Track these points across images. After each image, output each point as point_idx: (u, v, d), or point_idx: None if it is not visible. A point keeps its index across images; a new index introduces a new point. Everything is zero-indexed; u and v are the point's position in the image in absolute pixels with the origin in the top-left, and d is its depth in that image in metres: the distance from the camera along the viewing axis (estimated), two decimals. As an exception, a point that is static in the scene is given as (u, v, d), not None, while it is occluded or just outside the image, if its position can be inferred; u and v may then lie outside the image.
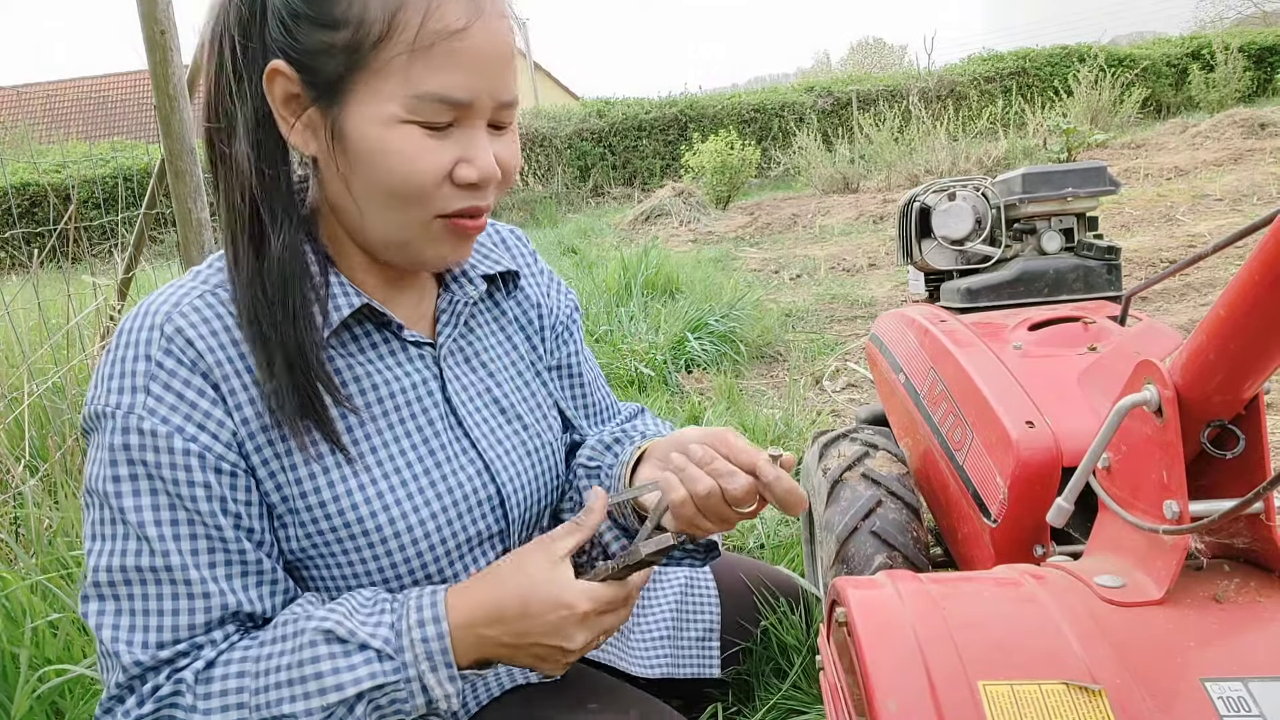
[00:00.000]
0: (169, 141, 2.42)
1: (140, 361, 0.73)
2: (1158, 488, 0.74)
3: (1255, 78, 13.83)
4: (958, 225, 1.54)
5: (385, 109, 0.70)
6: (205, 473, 0.73)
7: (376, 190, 0.73)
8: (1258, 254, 0.61)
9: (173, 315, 0.74)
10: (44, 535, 1.56)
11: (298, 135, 0.74)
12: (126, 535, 0.72)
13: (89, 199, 9.11)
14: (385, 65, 0.69)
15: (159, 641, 0.72)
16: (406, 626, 0.73)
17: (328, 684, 0.71)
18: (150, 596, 0.72)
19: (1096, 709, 0.63)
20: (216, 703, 0.71)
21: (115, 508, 0.72)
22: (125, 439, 0.72)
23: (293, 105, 0.73)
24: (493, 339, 0.93)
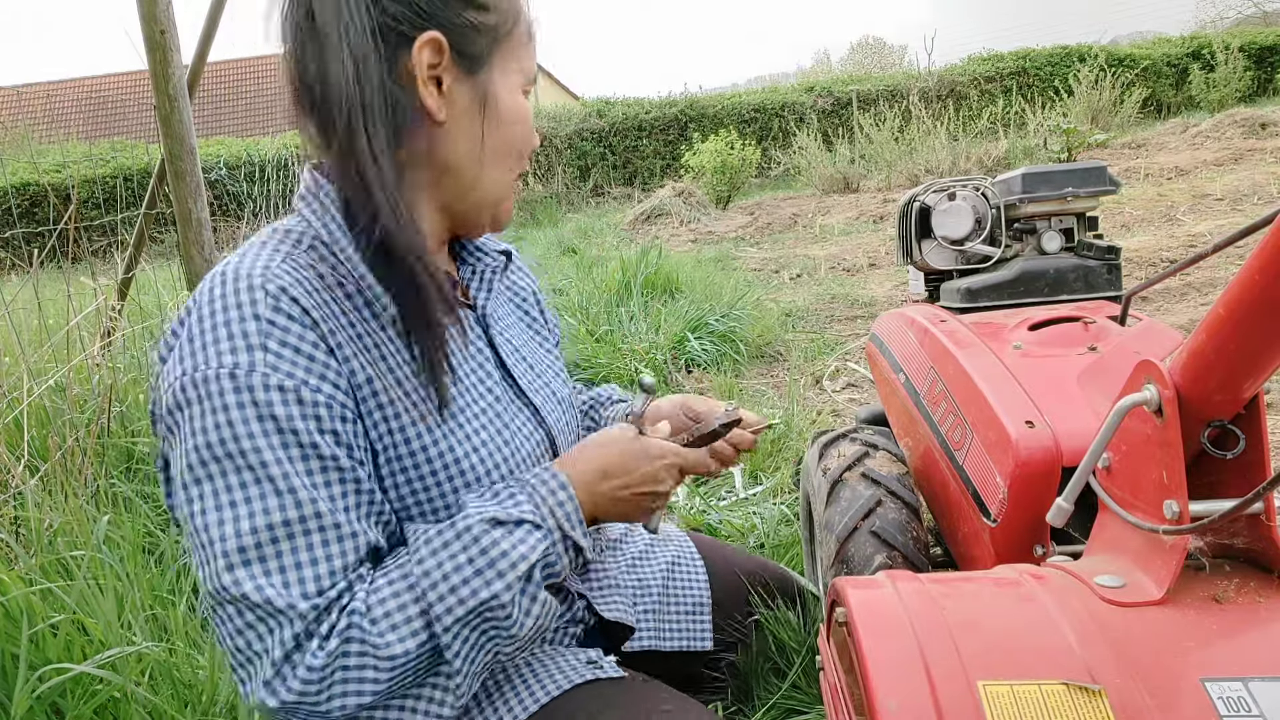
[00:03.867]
0: (169, 141, 2.42)
1: (250, 322, 0.75)
2: (1158, 487, 0.74)
3: (1256, 77, 13.83)
4: (958, 225, 1.54)
5: (513, 80, 0.86)
6: (334, 421, 0.77)
7: (506, 148, 0.86)
8: (1258, 254, 0.61)
9: (269, 276, 0.77)
10: (44, 535, 1.56)
11: (435, 100, 0.81)
12: (267, 493, 0.74)
13: (89, 199, 9.11)
14: (511, 46, 0.85)
15: (320, 588, 0.75)
16: (541, 499, 0.83)
17: (513, 559, 0.78)
18: (304, 546, 0.74)
19: (1096, 709, 0.63)
20: (398, 617, 0.75)
21: (255, 464, 0.73)
22: (252, 396, 0.73)
23: (434, 73, 0.80)
24: (507, 307, 1.05)
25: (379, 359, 0.81)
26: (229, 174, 4.24)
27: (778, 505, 2.08)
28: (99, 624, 1.31)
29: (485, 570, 0.77)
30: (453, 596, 0.76)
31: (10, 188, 10.93)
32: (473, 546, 0.78)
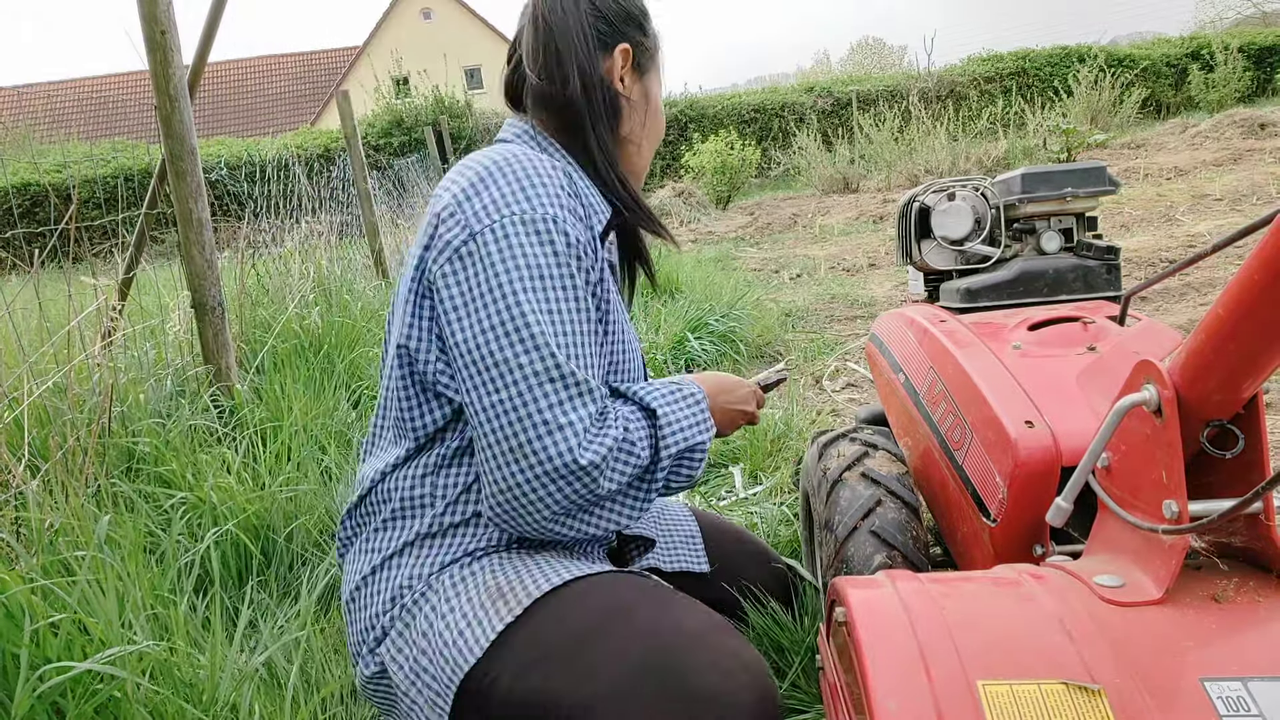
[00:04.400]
0: (169, 141, 2.42)
1: (559, 192, 1.02)
2: (1157, 487, 0.74)
3: (1255, 78, 13.83)
4: (957, 225, 1.55)
5: (657, 88, 1.20)
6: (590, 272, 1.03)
7: (655, 131, 1.21)
8: (1257, 254, 0.61)
9: (553, 172, 1.04)
10: (45, 535, 1.57)
11: (625, 87, 1.15)
12: (578, 305, 0.98)
13: (90, 199, 9.11)
14: (658, 61, 1.21)
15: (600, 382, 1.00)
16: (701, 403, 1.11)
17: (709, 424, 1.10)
18: (594, 350, 0.99)
19: (1096, 709, 0.64)
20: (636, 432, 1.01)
21: (570, 283, 0.98)
22: (567, 238, 0.99)
23: (621, 71, 1.14)
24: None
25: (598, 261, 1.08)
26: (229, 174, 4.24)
27: (778, 505, 2.08)
28: (100, 623, 1.31)
29: (701, 424, 1.08)
30: (679, 434, 1.05)
31: (11, 188, 10.93)
32: (694, 406, 1.09)
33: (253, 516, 1.93)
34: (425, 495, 1.08)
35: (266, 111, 29.93)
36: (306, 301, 3.46)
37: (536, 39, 1.11)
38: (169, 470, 2.06)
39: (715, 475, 2.43)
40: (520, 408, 0.93)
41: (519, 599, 0.97)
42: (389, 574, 1.07)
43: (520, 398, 0.93)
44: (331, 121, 23.16)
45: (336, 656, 1.55)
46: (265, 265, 3.63)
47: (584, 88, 1.09)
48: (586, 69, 1.09)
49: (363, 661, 1.09)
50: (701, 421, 1.08)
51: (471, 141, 14.59)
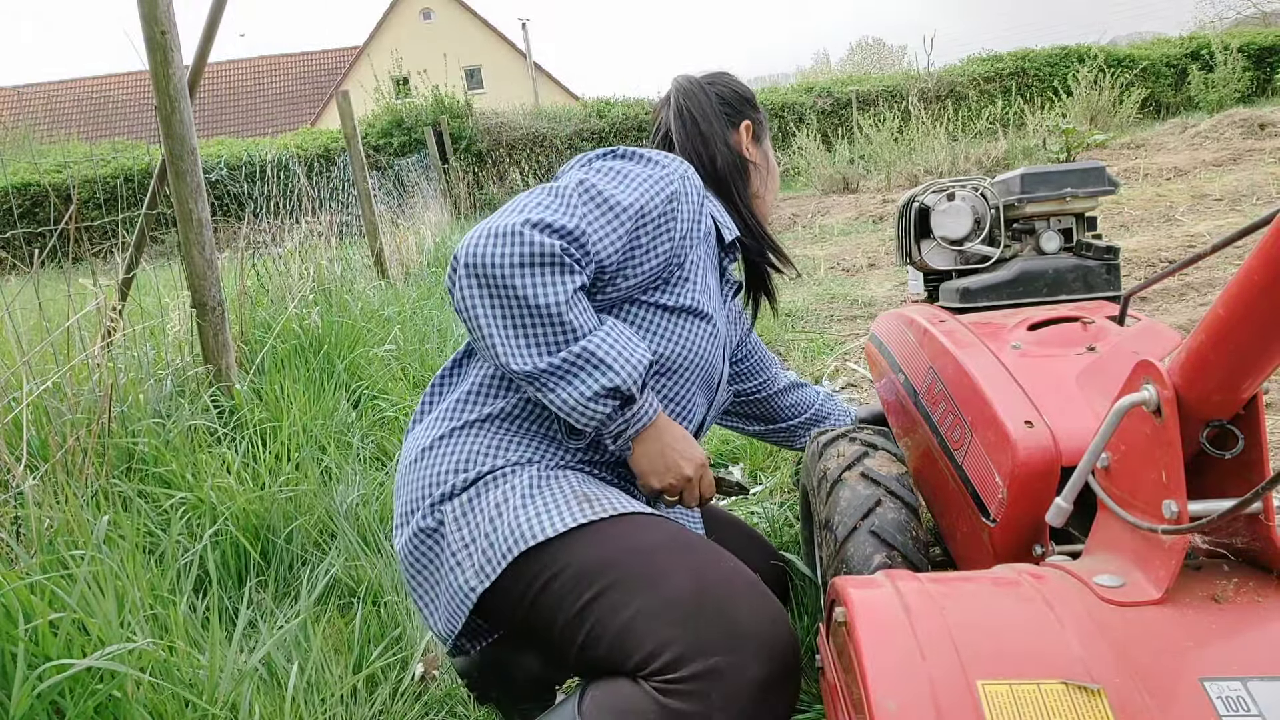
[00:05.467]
0: (169, 142, 2.42)
1: (684, 168, 1.24)
2: (1157, 487, 0.74)
3: (1254, 78, 13.83)
4: (957, 225, 1.54)
5: (769, 146, 1.52)
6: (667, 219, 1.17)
7: (771, 190, 1.51)
8: (1257, 254, 0.61)
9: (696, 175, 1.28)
10: (44, 535, 1.56)
11: (750, 154, 1.45)
12: (622, 188, 1.14)
13: (90, 199, 9.10)
14: (766, 129, 1.51)
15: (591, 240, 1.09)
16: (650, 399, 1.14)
17: (632, 377, 1.09)
18: (605, 220, 1.11)
19: (1095, 708, 0.64)
20: (582, 304, 1.08)
21: (631, 178, 1.16)
22: (662, 173, 1.19)
23: (749, 144, 1.45)
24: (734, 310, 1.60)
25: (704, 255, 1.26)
26: (229, 174, 4.23)
27: (778, 505, 2.08)
28: (99, 623, 1.31)
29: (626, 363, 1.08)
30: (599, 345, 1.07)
31: (11, 188, 10.93)
32: (635, 353, 1.10)
33: (252, 517, 1.93)
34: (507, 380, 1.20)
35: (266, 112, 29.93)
36: (306, 301, 3.46)
37: (683, 126, 1.41)
38: (168, 470, 2.06)
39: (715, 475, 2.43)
40: (526, 199, 1.12)
41: (605, 507, 1.06)
42: (464, 441, 1.17)
43: (529, 196, 1.13)
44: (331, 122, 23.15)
45: (336, 656, 1.55)
46: (265, 265, 3.63)
47: (725, 158, 1.40)
48: (724, 143, 1.40)
49: (418, 515, 1.15)
50: (632, 366, 1.09)
51: (471, 141, 14.58)
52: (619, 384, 1.07)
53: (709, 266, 1.27)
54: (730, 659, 0.93)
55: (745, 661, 0.93)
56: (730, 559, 1.06)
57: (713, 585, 0.99)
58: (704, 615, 0.96)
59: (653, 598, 0.97)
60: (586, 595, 1.00)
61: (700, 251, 1.24)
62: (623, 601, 0.98)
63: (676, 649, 0.93)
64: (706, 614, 0.96)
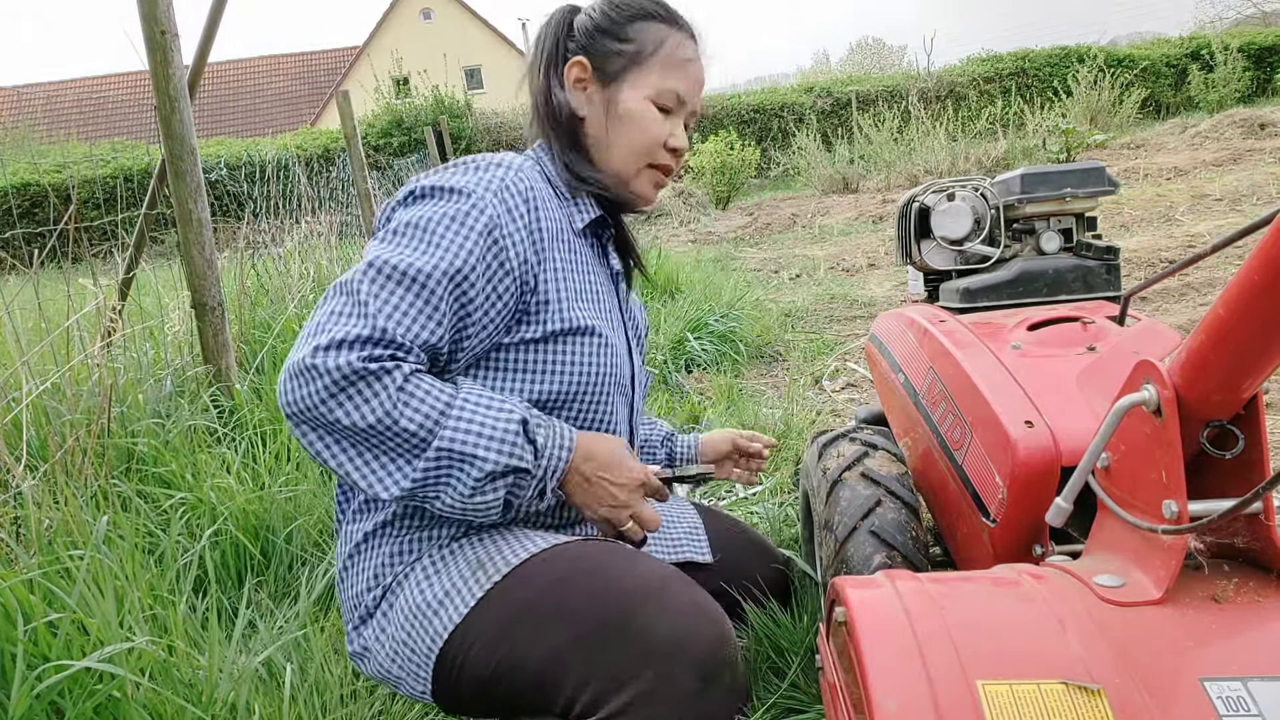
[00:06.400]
0: (169, 142, 2.42)
1: (496, 181, 1.05)
2: (1157, 487, 0.74)
3: (1254, 78, 13.83)
4: (957, 225, 1.54)
5: (644, 92, 1.15)
6: (493, 261, 1.01)
7: (625, 139, 1.16)
8: (1257, 254, 0.61)
9: (522, 172, 1.08)
10: (44, 535, 1.56)
11: (580, 102, 1.17)
12: (425, 255, 0.98)
13: (89, 199, 9.10)
14: (649, 68, 1.16)
15: (400, 332, 0.95)
16: (552, 440, 1.03)
17: (506, 451, 0.97)
18: (415, 303, 0.96)
19: (1095, 708, 0.64)
20: (416, 401, 0.94)
21: (434, 238, 0.99)
22: (468, 206, 1.01)
23: (580, 84, 1.17)
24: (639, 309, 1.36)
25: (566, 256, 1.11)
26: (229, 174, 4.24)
27: (778, 505, 2.08)
28: (98, 623, 1.31)
29: (493, 441, 0.97)
30: (462, 434, 0.96)
31: (10, 188, 10.93)
32: (501, 422, 0.98)
33: (252, 517, 1.93)
34: None
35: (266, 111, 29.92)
36: (306, 301, 3.46)
37: (529, 76, 1.22)
38: (168, 470, 2.06)
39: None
40: (316, 311, 0.98)
41: (497, 567, 1.01)
42: (368, 557, 1.11)
43: (321, 302, 0.99)
44: (331, 122, 23.15)
45: (336, 656, 1.55)
46: (265, 265, 3.63)
47: (556, 109, 1.17)
48: (540, 83, 1.19)
49: (349, 641, 1.13)
50: (500, 440, 0.97)
51: (471, 141, 14.58)
52: (492, 469, 0.97)
53: (574, 266, 1.13)
54: (655, 678, 0.90)
55: (671, 673, 0.90)
56: (636, 565, 1.01)
57: (616, 607, 0.95)
58: (612, 642, 0.93)
59: (558, 639, 0.95)
60: (498, 657, 0.97)
61: (555, 257, 1.09)
62: (530, 653, 0.96)
63: (596, 686, 0.91)
64: (614, 640, 0.93)
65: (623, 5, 1.17)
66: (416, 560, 1.08)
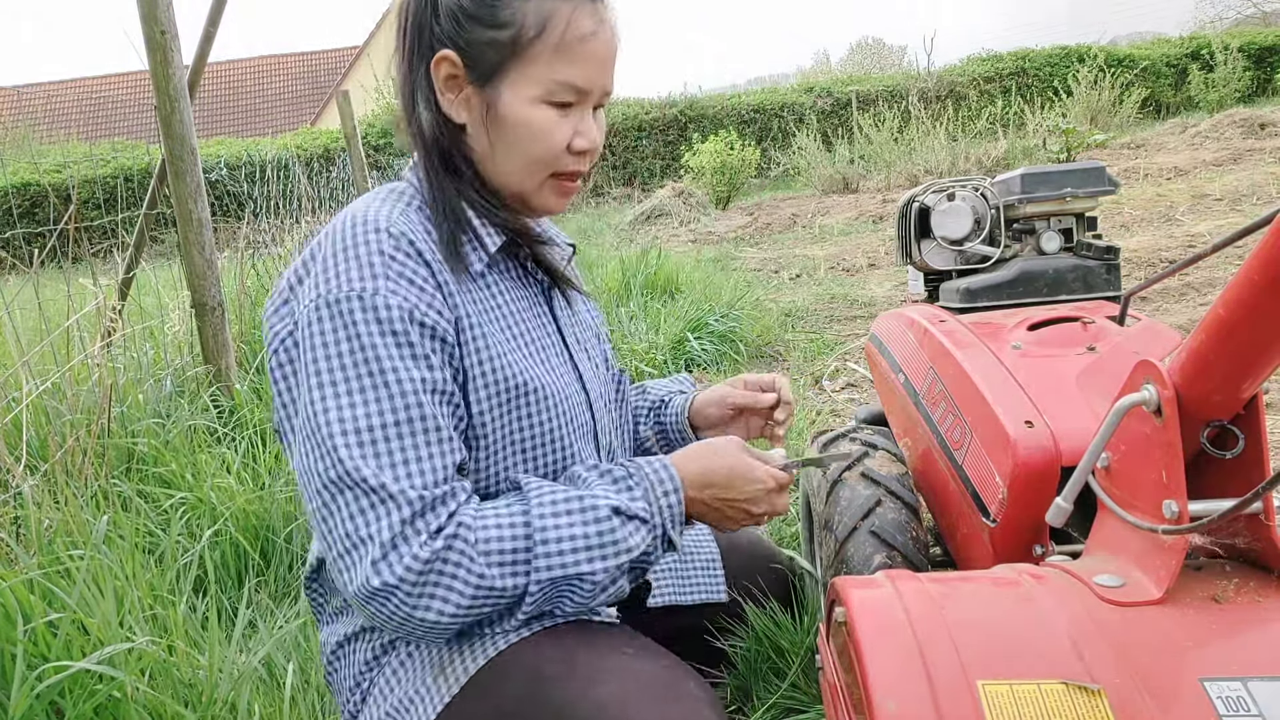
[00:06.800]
0: (169, 141, 2.42)
1: (376, 256, 0.88)
2: (1157, 487, 0.74)
3: (1255, 78, 13.82)
4: (957, 225, 1.54)
5: (529, 91, 0.92)
6: (438, 340, 0.89)
7: (515, 152, 0.95)
8: (1257, 254, 0.61)
9: (393, 222, 0.90)
10: (44, 535, 1.56)
11: (455, 108, 0.95)
12: (384, 394, 0.84)
13: (89, 199, 9.10)
14: (534, 58, 0.91)
15: (426, 483, 0.84)
16: (655, 496, 0.93)
17: (619, 549, 0.89)
18: (418, 444, 0.85)
19: (1096, 709, 0.64)
20: (497, 553, 0.85)
21: (375, 369, 0.85)
22: (376, 314, 0.85)
23: (453, 84, 0.94)
24: (587, 313, 1.17)
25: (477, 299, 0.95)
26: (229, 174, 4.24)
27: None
28: (98, 623, 1.31)
29: (594, 550, 0.87)
30: (558, 559, 0.86)
31: (11, 188, 10.93)
32: (592, 525, 0.88)
33: (252, 517, 1.93)
34: None
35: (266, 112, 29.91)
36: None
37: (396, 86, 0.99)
38: (168, 470, 2.06)
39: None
40: (326, 519, 0.84)
41: (456, 676, 0.92)
42: (351, 657, 1.01)
43: (325, 509, 0.84)
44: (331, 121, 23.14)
45: (336, 657, 1.55)
46: (265, 265, 3.63)
47: (429, 126, 0.95)
48: (403, 84, 0.96)
49: None
50: (600, 546, 0.87)
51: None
52: (604, 577, 0.88)
53: (490, 310, 0.96)
54: None
55: None
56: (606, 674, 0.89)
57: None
58: None
59: None
60: None
61: (468, 311, 0.93)
62: None
63: None
64: None
65: None
66: (386, 663, 0.98)
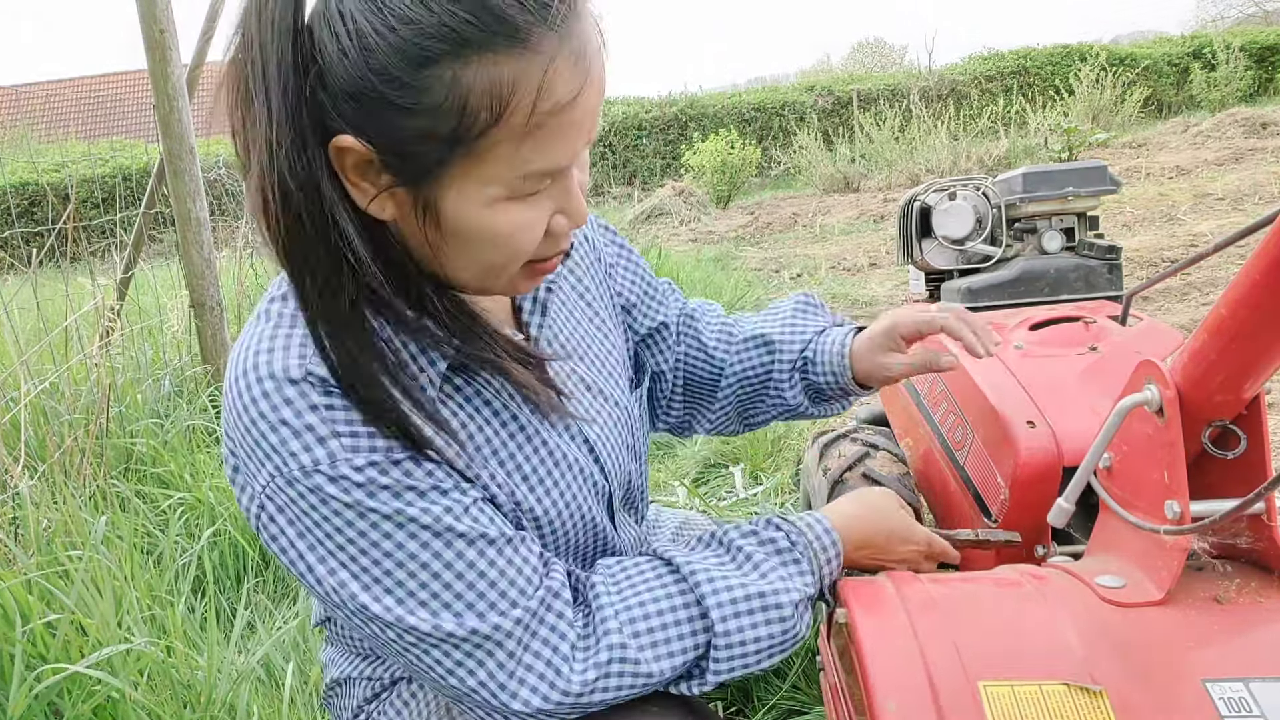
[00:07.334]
0: (168, 141, 2.42)
1: (307, 414, 0.67)
2: (1159, 488, 0.74)
3: (1257, 77, 13.81)
4: (958, 225, 1.54)
5: (486, 191, 0.65)
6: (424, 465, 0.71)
7: (469, 259, 0.69)
8: (1259, 253, 0.60)
9: (307, 366, 0.68)
10: (42, 536, 1.56)
11: (373, 204, 0.66)
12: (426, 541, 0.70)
13: (88, 199, 9.10)
14: (488, 151, 0.63)
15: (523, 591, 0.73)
16: (818, 565, 0.83)
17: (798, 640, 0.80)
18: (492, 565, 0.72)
19: (1097, 709, 0.63)
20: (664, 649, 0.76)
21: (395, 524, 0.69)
22: (353, 480, 0.68)
23: (367, 173, 0.65)
24: (570, 310, 0.93)
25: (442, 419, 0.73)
26: (228, 173, 4.24)
27: (778, 505, 2.08)
28: (96, 624, 1.31)
29: (775, 649, 0.79)
30: (740, 661, 0.78)
31: (9, 187, 10.93)
32: (776, 625, 0.78)
33: (251, 516, 1.93)
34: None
35: (267, 111, 29.86)
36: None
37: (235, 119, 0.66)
38: (167, 470, 2.05)
39: (715, 475, 2.43)
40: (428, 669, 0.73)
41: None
42: (351, 689, 0.95)
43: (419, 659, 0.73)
44: (332, 121, 23.08)
45: (335, 657, 1.55)
46: (263, 264, 3.62)
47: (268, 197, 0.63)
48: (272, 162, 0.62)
49: None
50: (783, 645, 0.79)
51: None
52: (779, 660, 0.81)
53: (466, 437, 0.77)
54: None
55: None
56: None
57: None
58: None
59: None
60: None
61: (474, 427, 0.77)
62: None
63: None
64: None
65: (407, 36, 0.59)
66: (389, 700, 0.91)
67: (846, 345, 1.00)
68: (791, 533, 0.84)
